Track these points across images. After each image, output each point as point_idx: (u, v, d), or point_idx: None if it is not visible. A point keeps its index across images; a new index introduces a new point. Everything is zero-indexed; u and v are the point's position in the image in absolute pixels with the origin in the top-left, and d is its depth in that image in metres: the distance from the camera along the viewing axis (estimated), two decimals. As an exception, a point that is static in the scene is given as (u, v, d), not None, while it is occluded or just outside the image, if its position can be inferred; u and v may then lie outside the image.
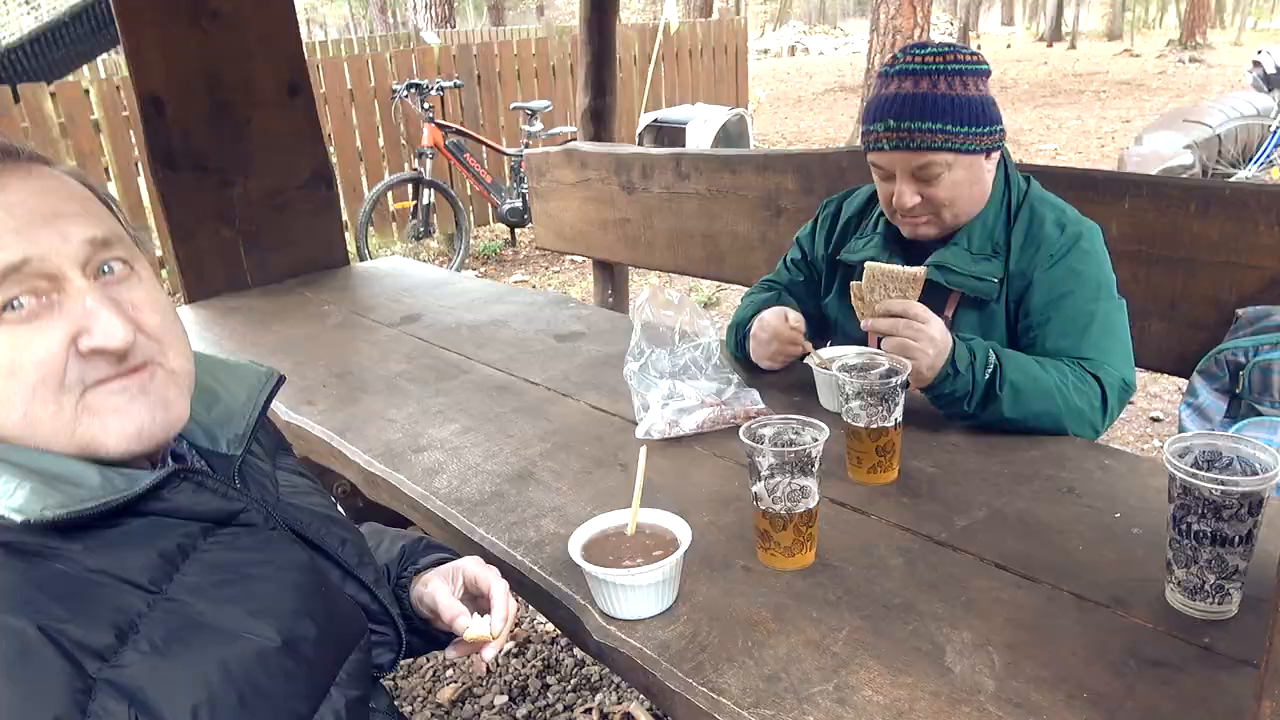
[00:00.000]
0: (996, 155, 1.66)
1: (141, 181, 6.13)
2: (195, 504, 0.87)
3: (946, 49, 1.63)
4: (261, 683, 0.82)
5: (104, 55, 8.36)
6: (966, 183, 1.62)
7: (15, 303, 0.79)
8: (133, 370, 0.84)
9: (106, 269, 0.85)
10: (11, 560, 0.75)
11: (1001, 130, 1.65)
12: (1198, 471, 1.03)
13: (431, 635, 1.16)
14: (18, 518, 0.75)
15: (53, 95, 5.90)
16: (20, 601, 0.73)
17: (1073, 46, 20.86)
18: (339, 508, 1.17)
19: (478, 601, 1.13)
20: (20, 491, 0.77)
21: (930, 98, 1.57)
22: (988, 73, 1.64)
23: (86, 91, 6.12)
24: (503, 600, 1.10)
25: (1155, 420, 3.79)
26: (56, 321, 0.80)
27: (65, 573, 0.77)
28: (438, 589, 1.12)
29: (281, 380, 1.07)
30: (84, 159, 5.97)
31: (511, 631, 1.13)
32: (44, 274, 0.80)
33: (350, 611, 1.01)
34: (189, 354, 0.92)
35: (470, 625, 1.07)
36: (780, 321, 1.73)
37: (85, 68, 7.84)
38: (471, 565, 1.15)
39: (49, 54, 6.14)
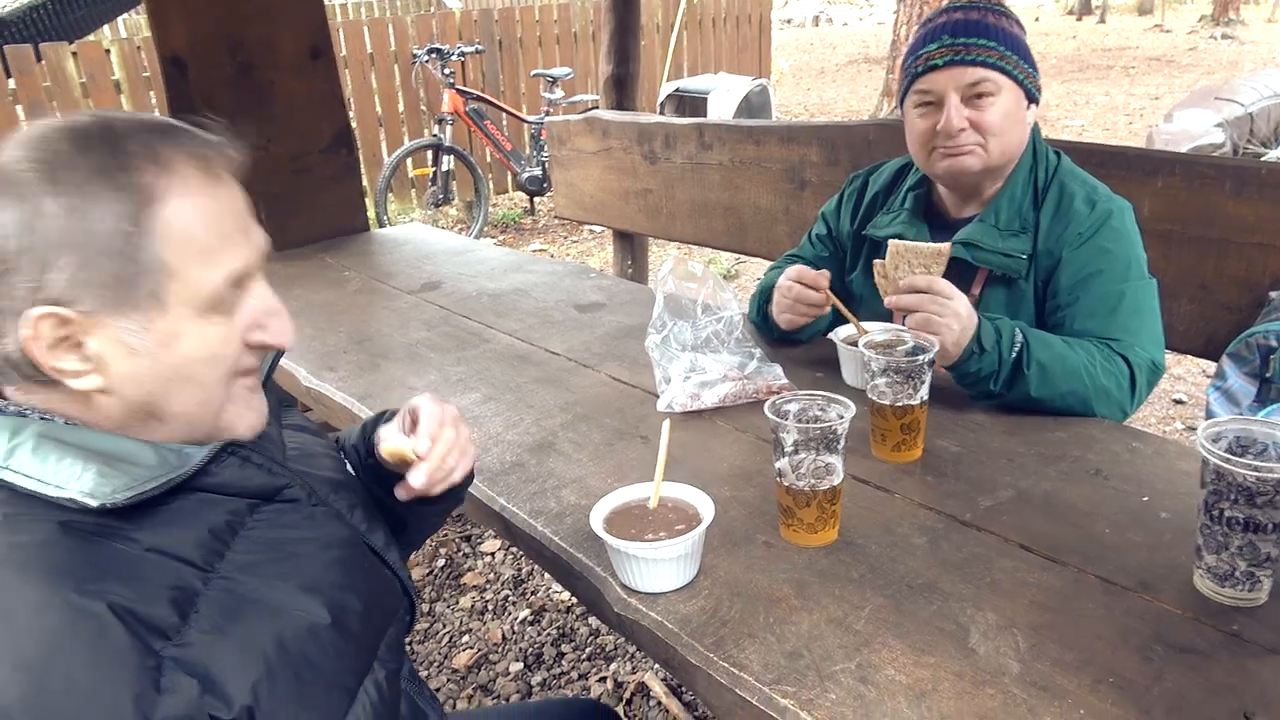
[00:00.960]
0: (1033, 111, 1.65)
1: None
2: (242, 479, 0.88)
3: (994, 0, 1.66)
4: (314, 658, 0.82)
5: (125, 15, 8.32)
6: (1011, 118, 1.61)
7: (233, 300, 0.85)
8: (257, 367, 0.91)
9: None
10: (70, 540, 0.75)
11: (1039, 84, 1.65)
12: (1231, 457, 1.01)
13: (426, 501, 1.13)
14: (92, 502, 0.75)
15: (74, 55, 5.90)
16: (84, 581, 0.73)
17: (1102, 21, 20.47)
18: (348, 466, 1.17)
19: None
20: (87, 474, 0.77)
21: (984, 23, 1.59)
22: (1025, 33, 1.64)
23: (108, 51, 6.11)
24: (431, 417, 1.06)
25: (1178, 402, 3.75)
26: (239, 315, 0.86)
27: (124, 552, 0.77)
28: (384, 430, 1.09)
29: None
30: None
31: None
32: (251, 275, 0.87)
33: (389, 585, 1.01)
34: None
35: (386, 440, 1.03)
36: (802, 268, 1.71)
37: (106, 28, 7.82)
38: (414, 400, 1.11)
39: (70, 13, 6.12)
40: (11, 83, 5.59)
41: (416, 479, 1.03)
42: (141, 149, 0.80)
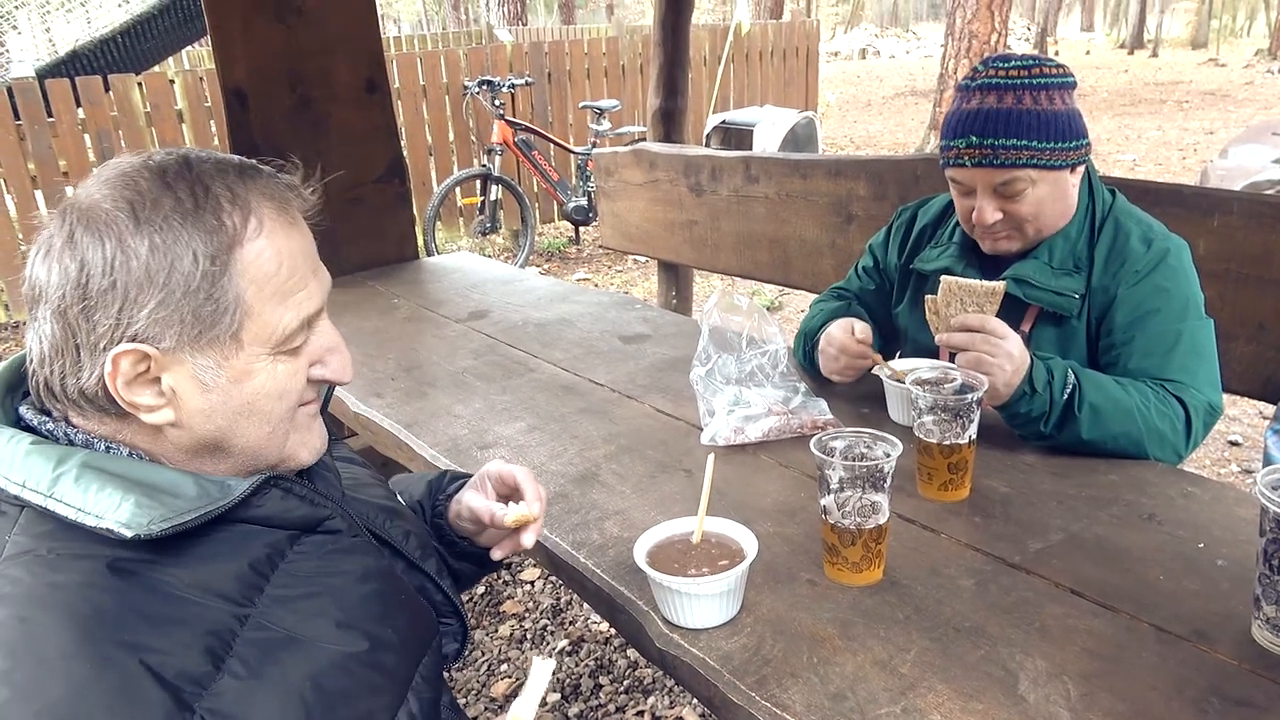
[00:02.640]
0: (1081, 169, 1.62)
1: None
2: (284, 511, 0.88)
3: (1031, 61, 1.57)
4: (350, 693, 0.82)
5: (188, 48, 8.60)
6: (1051, 199, 1.58)
7: (302, 339, 0.87)
8: (316, 397, 0.94)
9: None
10: (112, 581, 0.75)
11: (1087, 144, 1.59)
12: (1292, 505, 0.99)
13: (477, 556, 1.21)
14: (127, 533, 0.75)
15: (140, 85, 6.10)
16: (119, 630, 0.72)
17: (1155, 54, 20.27)
18: (398, 497, 1.18)
19: (512, 497, 1.17)
20: (126, 504, 0.76)
21: (1015, 114, 1.52)
22: (1073, 85, 1.59)
23: (172, 82, 6.31)
24: (531, 484, 1.15)
25: (1234, 444, 3.66)
26: (305, 352, 0.89)
27: (162, 592, 0.77)
28: (472, 499, 1.16)
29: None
30: (166, 147, 6.16)
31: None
32: (319, 314, 0.90)
33: (423, 614, 1.01)
34: None
35: (509, 510, 1.11)
36: (846, 336, 1.69)
37: (170, 60, 8.08)
38: (494, 467, 1.18)
39: (138, 45, 6.34)
40: (81, 112, 5.79)
41: (529, 539, 1.13)
42: (224, 189, 0.82)
